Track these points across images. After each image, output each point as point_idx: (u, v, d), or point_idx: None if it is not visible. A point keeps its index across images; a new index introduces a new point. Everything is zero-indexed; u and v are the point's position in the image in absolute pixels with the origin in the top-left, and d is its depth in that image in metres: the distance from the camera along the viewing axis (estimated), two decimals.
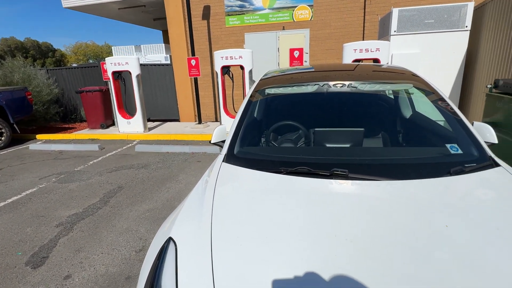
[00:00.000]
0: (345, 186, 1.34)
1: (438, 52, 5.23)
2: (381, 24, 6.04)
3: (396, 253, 0.95)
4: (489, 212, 1.13)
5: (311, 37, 7.58)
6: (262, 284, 0.89)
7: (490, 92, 2.91)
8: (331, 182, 1.37)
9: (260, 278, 0.91)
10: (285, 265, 0.94)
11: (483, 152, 1.54)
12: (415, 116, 2.41)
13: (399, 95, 2.62)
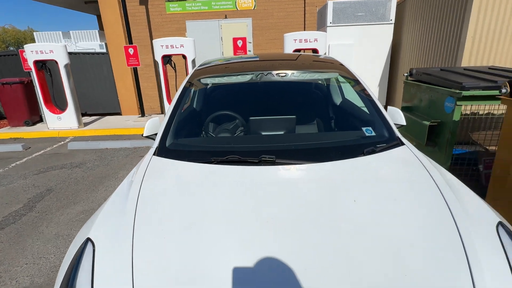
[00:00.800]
0: (272, 172, 1.40)
1: (369, 43, 5.68)
2: (319, 15, 6.33)
3: (310, 228, 1.04)
4: (390, 185, 1.29)
5: (254, 27, 7.61)
6: (182, 274, 0.90)
7: (406, 80, 3.28)
8: (260, 168, 1.42)
9: (181, 268, 0.92)
10: (208, 253, 0.96)
11: (392, 133, 1.74)
12: (344, 103, 2.61)
13: (330, 84, 2.80)
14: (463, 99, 2.30)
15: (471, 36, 3.73)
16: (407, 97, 3.28)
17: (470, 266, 0.91)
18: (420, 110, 2.96)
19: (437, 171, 1.36)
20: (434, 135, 2.65)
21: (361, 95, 2.06)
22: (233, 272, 0.91)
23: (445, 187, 1.24)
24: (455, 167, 2.66)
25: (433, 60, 4.54)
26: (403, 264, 0.92)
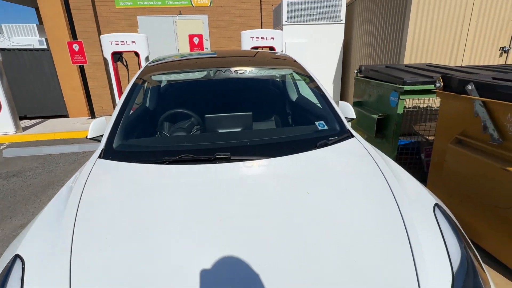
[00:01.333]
0: (227, 169, 1.37)
1: (322, 42, 5.91)
2: (275, 14, 6.42)
3: (265, 223, 1.04)
4: (341, 175, 1.34)
5: (211, 24, 7.48)
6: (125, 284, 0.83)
7: (356, 76, 3.47)
8: (215, 166, 1.39)
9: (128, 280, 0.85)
10: (158, 261, 0.90)
11: (343, 127, 1.81)
12: (299, 99, 2.67)
13: (285, 80, 2.84)
14: (405, 93, 2.49)
15: (411, 36, 4.06)
16: (358, 93, 3.47)
17: (411, 245, 0.98)
18: (370, 105, 3.15)
19: (382, 161, 1.44)
20: (382, 127, 2.84)
21: (314, 90, 2.12)
22: (187, 277, 0.86)
23: (390, 175, 1.32)
24: (401, 156, 2.88)
25: (380, 58, 4.87)
26: (353, 249, 0.95)
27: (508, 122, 1.62)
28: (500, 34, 4.16)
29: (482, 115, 1.73)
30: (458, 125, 1.95)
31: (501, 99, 1.63)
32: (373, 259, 0.92)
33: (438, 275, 0.91)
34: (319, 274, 0.88)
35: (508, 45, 4.22)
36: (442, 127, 2.10)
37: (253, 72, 2.30)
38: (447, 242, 1.03)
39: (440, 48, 4.14)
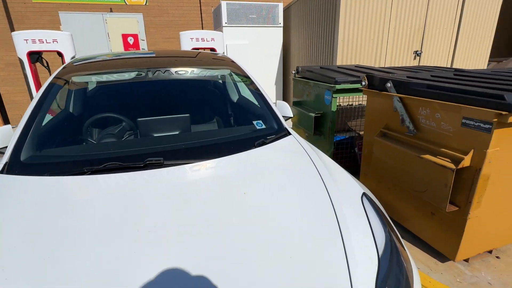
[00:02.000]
0: (159, 175, 1.28)
1: (263, 44, 6.05)
2: (215, 15, 6.37)
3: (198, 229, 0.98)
4: (278, 173, 1.35)
5: (148, 24, 7.09)
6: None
7: (294, 77, 3.62)
8: (146, 173, 1.29)
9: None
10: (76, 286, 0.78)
11: (280, 125, 1.85)
12: (239, 99, 2.67)
13: (224, 81, 2.81)
14: (337, 92, 2.67)
15: (341, 40, 4.40)
16: (296, 93, 3.62)
17: (342, 235, 1.02)
18: (308, 104, 3.30)
19: (316, 156, 1.50)
20: (320, 125, 3.00)
21: (252, 91, 2.12)
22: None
23: (323, 169, 1.37)
24: (338, 151, 3.08)
25: (316, 60, 5.16)
26: (288, 245, 0.96)
27: (420, 115, 1.83)
28: (413, 40, 4.76)
29: (400, 110, 1.93)
30: (382, 120, 2.14)
31: (414, 94, 1.84)
32: (306, 252, 0.95)
33: (366, 260, 0.97)
34: (254, 274, 0.86)
35: (420, 49, 4.84)
36: (369, 122, 2.29)
37: (190, 73, 2.22)
38: (373, 228, 1.10)
39: (367, 52, 4.56)
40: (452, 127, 1.62)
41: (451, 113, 1.61)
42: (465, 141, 1.56)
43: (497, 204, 1.67)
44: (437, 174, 1.64)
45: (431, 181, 1.69)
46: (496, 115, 1.38)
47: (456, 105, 1.56)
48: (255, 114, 2.09)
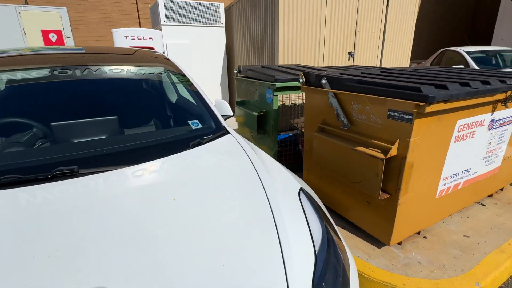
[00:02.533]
0: (72, 187, 1.09)
1: (205, 44, 5.90)
2: (152, 13, 6.02)
3: (117, 246, 0.84)
4: (213, 174, 1.26)
5: (77, 20, 6.40)
6: None
7: (236, 76, 3.57)
8: (54, 185, 1.08)
9: None
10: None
11: (219, 124, 1.76)
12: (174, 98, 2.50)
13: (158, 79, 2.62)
14: (277, 90, 2.68)
15: (281, 40, 4.49)
16: (240, 92, 3.57)
17: (278, 234, 0.98)
18: (251, 103, 3.28)
19: (254, 153, 1.44)
20: (263, 123, 2.99)
21: (188, 89, 2.00)
22: None
23: (260, 167, 1.32)
24: (283, 149, 3.11)
25: (259, 59, 5.21)
26: (222, 251, 0.90)
27: (353, 109, 1.91)
28: (347, 42, 5.10)
29: (335, 105, 2.00)
30: (319, 115, 2.20)
31: (346, 90, 1.92)
32: (241, 256, 0.88)
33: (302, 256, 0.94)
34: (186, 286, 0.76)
35: (353, 51, 5.21)
36: (308, 118, 2.34)
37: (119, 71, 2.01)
38: (310, 223, 1.08)
39: (306, 52, 4.74)
40: (380, 119, 1.72)
41: (378, 106, 1.71)
42: (391, 132, 1.66)
43: (420, 189, 1.82)
44: (369, 165, 1.72)
45: (365, 172, 1.77)
46: (415, 106, 1.49)
47: (382, 98, 1.66)
48: (192, 113, 1.97)
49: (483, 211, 2.35)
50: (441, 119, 1.67)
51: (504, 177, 2.54)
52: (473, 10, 12.63)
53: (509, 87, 1.85)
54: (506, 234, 2.05)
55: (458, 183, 2.06)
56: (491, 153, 2.18)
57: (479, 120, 1.92)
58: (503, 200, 2.50)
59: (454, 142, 1.84)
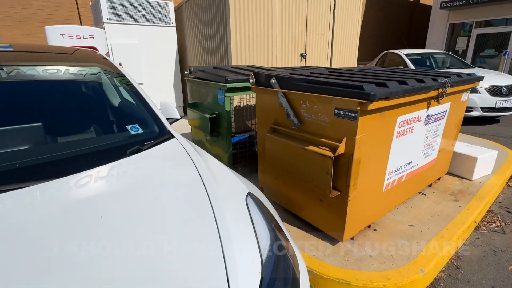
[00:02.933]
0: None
1: (155, 44, 5.60)
2: (93, 10, 5.55)
3: (30, 275, 0.69)
4: (152, 183, 1.14)
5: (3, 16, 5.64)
6: None
7: (188, 78, 3.42)
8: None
9: None
10: None
11: (163, 128, 1.62)
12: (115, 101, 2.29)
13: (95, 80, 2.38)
14: (229, 90, 2.61)
15: (234, 41, 4.43)
16: (191, 94, 3.43)
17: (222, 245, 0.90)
18: (203, 105, 3.16)
19: (200, 158, 1.35)
20: (216, 126, 2.89)
21: (128, 90, 1.83)
22: None
23: (206, 173, 1.23)
24: (238, 151, 3.04)
25: (212, 60, 5.09)
26: (159, 270, 0.78)
27: (302, 109, 1.91)
28: (298, 43, 5.22)
29: (285, 105, 1.98)
30: (271, 116, 2.17)
31: (295, 89, 1.91)
32: (178, 272, 0.79)
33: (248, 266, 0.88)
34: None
35: (305, 52, 5.35)
36: (260, 119, 2.30)
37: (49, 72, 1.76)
38: (257, 229, 1.02)
39: (260, 53, 4.74)
40: (328, 117, 1.73)
41: (325, 105, 1.72)
42: (339, 130, 1.69)
43: (368, 184, 1.88)
44: (319, 163, 1.73)
45: (316, 171, 1.78)
46: (359, 104, 1.52)
47: (329, 97, 1.67)
48: (131, 117, 1.80)
49: (424, 200, 2.53)
50: (383, 116, 1.74)
51: (440, 168, 2.77)
52: (409, 17, 13.94)
53: (440, 84, 2.00)
54: (444, 220, 2.22)
55: (402, 176, 2.19)
56: (428, 146, 2.35)
57: (417, 116, 2.05)
58: (440, 189, 2.72)
59: (396, 137, 1.93)
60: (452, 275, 1.88)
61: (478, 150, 3.00)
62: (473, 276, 1.86)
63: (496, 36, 10.16)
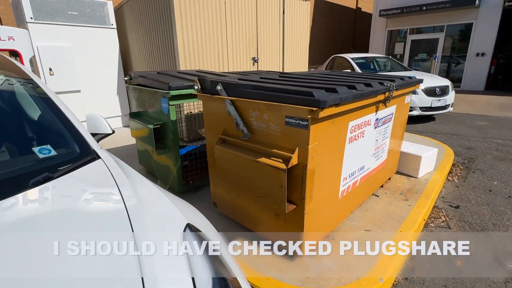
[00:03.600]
0: None
1: (94, 48, 5.05)
2: (14, 7, 4.83)
3: None
4: (61, 224, 0.89)
5: None
6: None
7: (127, 84, 3.09)
8: None
9: None
10: None
11: (85, 147, 1.34)
12: (23, 116, 1.90)
13: (4, 90, 1.97)
14: (173, 98, 2.37)
15: (181, 44, 4.17)
16: (133, 102, 3.10)
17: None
18: (147, 114, 2.86)
19: (129, 184, 1.11)
20: (162, 137, 2.62)
21: (40, 100, 1.50)
22: None
23: (133, 203, 1.00)
24: (190, 162, 2.79)
25: (159, 65, 4.74)
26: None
27: (252, 117, 1.76)
28: (250, 47, 5.13)
29: (233, 113, 1.82)
30: (219, 125, 1.99)
31: (243, 96, 1.76)
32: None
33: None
34: None
35: (256, 56, 5.28)
36: (209, 129, 2.11)
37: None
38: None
39: (210, 57, 4.54)
40: (279, 126, 1.61)
41: (275, 112, 1.60)
42: (291, 140, 1.57)
43: (324, 194, 1.80)
44: (272, 177, 1.60)
45: (269, 184, 1.64)
46: (309, 112, 1.42)
47: (278, 105, 1.55)
48: (43, 135, 1.48)
49: (377, 202, 2.56)
50: (335, 122, 1.67)
51: (390, 168, 2.85)
52: (353, 24, 14.88)
53: (387, 88, 2.02)
54: (397, 222, 2.25)
55: (356, 181, 2.16)
56: (378, 149, 2.38)
57: (367, 120, 2.04)
58: (391, 189, 2.80)
59: (348, 143, 1.89)
60: (408, 277, 1.88)
61: (421, 149, 3.16)
62: (428, 276, 1.88)
63: (427, 42, 11.30)
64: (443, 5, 9.91)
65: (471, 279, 1.86)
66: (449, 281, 1.84)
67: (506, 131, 5.28)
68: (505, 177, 3.34)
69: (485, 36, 9.67)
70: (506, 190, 3.04)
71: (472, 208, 2.71)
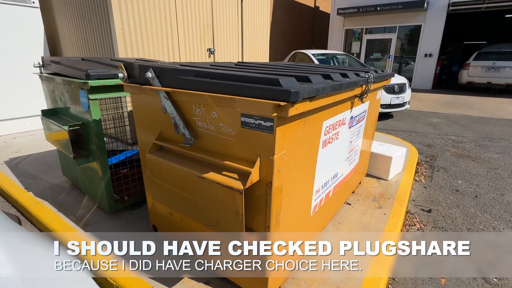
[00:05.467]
0: None
1: (9, 30, 4.08)
2: None
3: None
4: None
5: None
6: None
7: (40, 73, 2.37)
8: None
9: None
10: None
11: None
12: None
13: None
14: (93, 90, 1.77)
15: (120, 28, 3.48)
16: (47, 96, 2.40)
17: None
18: (64, 112, 2.20)
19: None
20: (83, 142, 2.00)
21: None
22: None
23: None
24: (125, 173, 2.20)
25: (94, 52, 3.98)
26: None
27: (196, 116, 1.28)
28: (205, 37, 4.58)
29: (170, 110, 1.31)
30: (153, 127, 1.47)
31: (183, 87, 1.26)
32: None
33: None
34: None
35: (213, 47, 4.75)
36: (140, 131, 1.57)
37: None
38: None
39: (157, 45, 3.90)
40: (232, 129, 1.15)
41: (227, 109, 1.14)
42: (249, 147, 1.13)
43: (293, 215, 1.39)
44: (225, 199, 1.13)
45: (221, 210, 1.18)
46: (275, 108, 0.99)
47: (230, 98, 1.08)
48: None
49: (350, 212, 2.24)
50: (307, 122, 1.26)
51: (361, 171, 2.57)
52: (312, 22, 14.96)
53: (365, 80, 1.67)
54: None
55: (329, 191, 1.80)
56: (352, 151, 2.05)
57: (342, 118, 1.67)
58: (363, 195, 2.51)
59: (322, 147, 1.51)
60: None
61: (390, 148, 2.95)
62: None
63: (380, 42, 11.71)
64: (396, 7, 10.28)
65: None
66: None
67: (458, 128, 5.47)
68: (467, 175, 3.30)
69: (432, 37, 10.24)
70: (471, 189, 2.96)
71: (443, 212, 2.54)
